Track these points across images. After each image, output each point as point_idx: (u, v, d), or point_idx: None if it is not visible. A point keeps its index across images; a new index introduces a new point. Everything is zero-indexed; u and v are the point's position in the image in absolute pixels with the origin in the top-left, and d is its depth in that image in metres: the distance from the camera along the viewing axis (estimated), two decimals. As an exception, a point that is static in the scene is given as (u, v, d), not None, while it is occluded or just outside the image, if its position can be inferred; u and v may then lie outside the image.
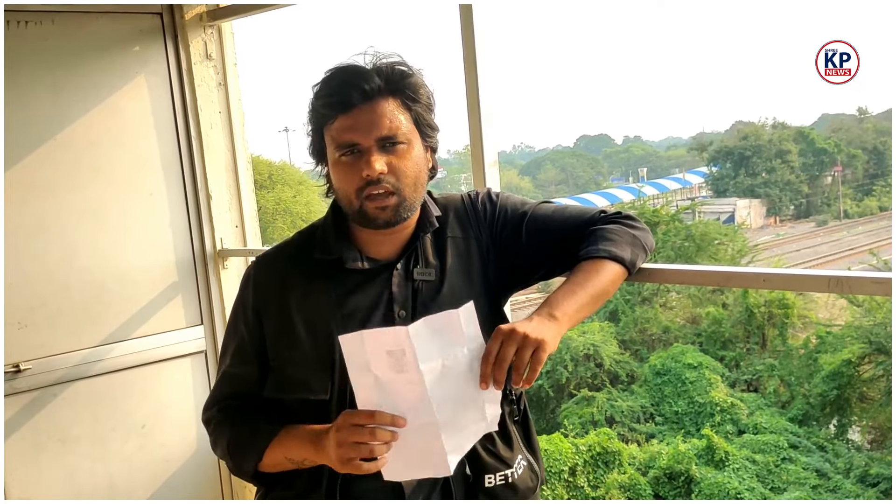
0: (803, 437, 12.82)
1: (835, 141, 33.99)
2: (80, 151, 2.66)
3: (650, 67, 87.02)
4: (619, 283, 1.46)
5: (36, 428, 2.62)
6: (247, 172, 3.05)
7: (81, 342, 2.68)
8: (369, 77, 1.35)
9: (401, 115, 1.37)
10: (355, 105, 1.34)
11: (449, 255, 1.47)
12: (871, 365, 13.32)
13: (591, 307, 1.38)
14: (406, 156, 1.37)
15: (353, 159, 1.35)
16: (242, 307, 1.50)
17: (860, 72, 2.54)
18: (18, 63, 2.54)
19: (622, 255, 1.43)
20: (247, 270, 1.52)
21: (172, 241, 2.86)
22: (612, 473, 11.54)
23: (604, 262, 1.42)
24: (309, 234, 1.51)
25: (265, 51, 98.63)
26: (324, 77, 1.39)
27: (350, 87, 1.34)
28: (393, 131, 1.35)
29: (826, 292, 1.55)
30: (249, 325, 1.47)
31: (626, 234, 1.48)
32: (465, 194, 1.56)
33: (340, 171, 1.37)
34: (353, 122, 1.34)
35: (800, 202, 34.40)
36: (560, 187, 44.85)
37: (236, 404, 1.49)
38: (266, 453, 1.41)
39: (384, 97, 1.36)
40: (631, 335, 15.88)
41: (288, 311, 1.43)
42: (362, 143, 1.34)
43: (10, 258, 2.55)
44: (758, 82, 72.34)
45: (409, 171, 1.37)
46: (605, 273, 1.41)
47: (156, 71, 2.80)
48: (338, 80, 1.37)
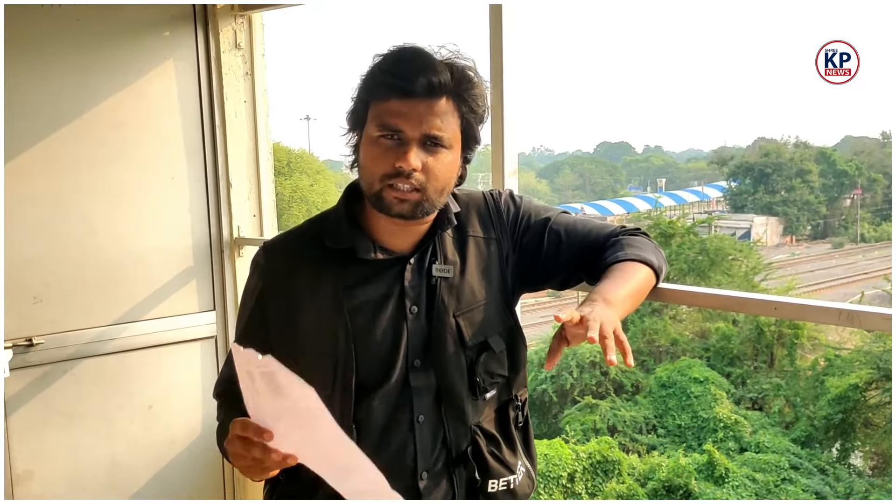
0: (805, 458, 12.75)
1: (856, 164, 33.74)
2: (104, 132, 2.69)
3: (675, 78, 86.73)
4: (650, 286, 1.47)
5: (45, 402, 2.65)
6: (268, 162, 3.07)
7: (94, 320, 2.71)
8: (440, 72, 1.32)
9: (453, 119, 1.34)
10: (416, 94, 1.31)
11: (470, 254, 1.45)
12: (877, 391, 13.23)
13: (633, 301, 1.39)
14: (443, 160, 1.34)
15: (392, 144, 1.31)
16: (249, 292, 1.49)
17: (860, 72, 2.52)
18: (47, 41, 2.57)
19: (650, 259, 1.45)
20: (255, 256, 1.50)
21: (190, 226, 2.88)
22: (610, 482, 11.52)
23: (635, 264, 1.43)
24: (320, 221, 1.48)
25: (293, 41, 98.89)
26: (393, 51, 1.36)
27: (418, 75, 1.30)
28: (441, 133, 1.32)
29: (836, 325, 1.57)
30: (255, 310, 1.46)
31: (649, 244, 1.50)
32: (488, 193, 1.54)
33: (374, 151, 1.33)
34: (407, 110, 1.31)
35: (817, 223, 34.18)
36: (577, 192, 44.72)
37: (232, 389, 1.45)
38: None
39: (445, 96, 1.33)
40: (638, 345, 15.84)
41: (294, 299, 1.41)
42: (407, 134, 1.31)
43: (29, 233, 2.58)
44: (782, 100, 71.94)
45: (441, 174, 1.34)
46: (640, 273, 1.42)
47: (184, 57, 2.82)
48: (408, 63, 1.33)
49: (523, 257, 1.50)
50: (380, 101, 1.33)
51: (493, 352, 1.42)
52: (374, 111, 1.34)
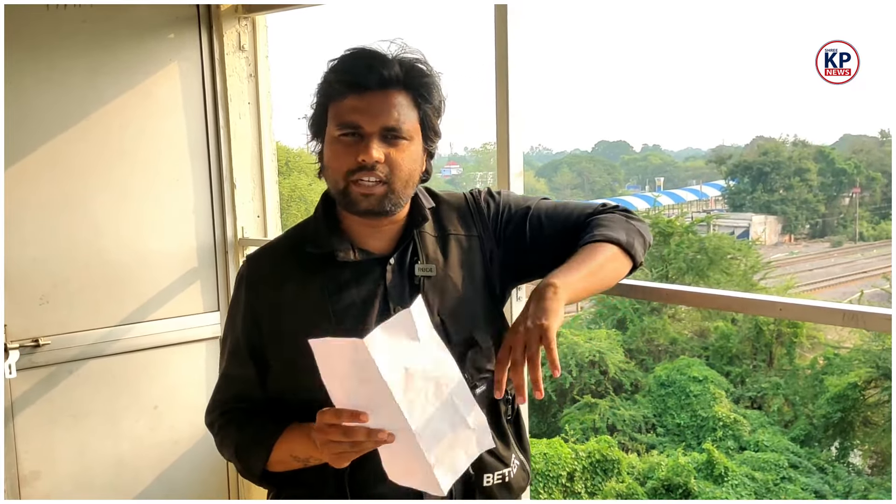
0: (804, 457, 12.80)
1: (855, 162, 33.80)
2: (110, 133, 2.70)
3: (673, 76, 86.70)
4: (620, 263, 1.44)
5: (51, 402, 2.66)
6: (271, 164, 3.08)
7: (100, 321, 2.73)
8: (390, 65, 1.35)
9: (410, 110, 1.36)
10: (370, 88, 1.34)
11: (451, 252, 1.46)
12: (876, 390, 13.27)
13: (590, 281, 1.37)
14: (405, 151, 1.36)
15: (353, 141, 1.34)
16: (236, 307, 1.49)
17: (860, 72, 2.54)
18: (53, 43, 2.58)
19: (616, 237, 1.42)
20: (239, 270, 1.51)
21: (194, 228, 2.89)
22: (610, 481, 11.55)
23: (598, 244, 1.41)
24: (300, 229, 1.50)
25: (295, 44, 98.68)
26: (344, 53, 1.39)
27: (368, 70, 1.34)
28: (399, 124, 1.34)
29: (840, 325, 1.57)
30: (243, 325, 1.47)
31: (621, 220, 1.48)
32: (468, 193, 1.55)
33: (336, 149, 1.36)
34: (363, 105, 1.33)
35: (816, 221, 34.24)
36: (576, 191, 44.70)
37: (239, 407, 1.48)
38: (272, 452, 1.40)
39: (399, 89, 1.36)
40: (638, 344, 15.87)
41: (281, 309, 1.42)
42: (366, 128, 1.33)
43: (35, 233, 2.59)
44: (780, 98, 71.94)
45: (404, 165, 1.36)
46: (601, 253, 1.40)
47: (189, 59, 2.84)
48: (358, 59, 1.36)
49: (508, 250, 1.50)
50: (337, 101, 1.36)
51: (480, 347, 1.42)
52: (332, 112, 1.37)
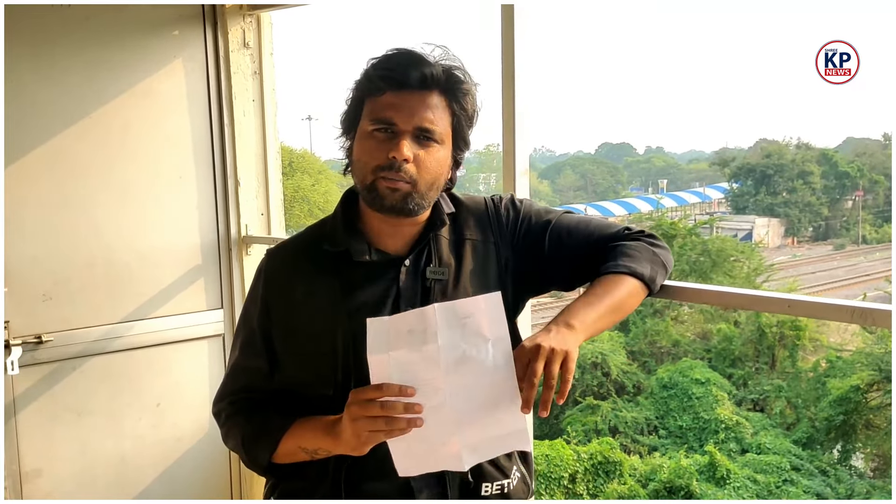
0: (806, 460, 12.78)
1: (858, 165, 33.75)
2: (112, 131, 2.69)
3: (677, 79, 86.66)
4: (639, 298, 1.46)
5: (53, 399, 2.66)
6: (275, 161, 3.08)
7: (103, 318, 2.72)
8: (431, 66, 1.36)
9: (445, 114, 1.38)
10: (409, 87, 1.35)
11: (466, 257, 1.46)
12: (879, 393, 13.25)
13: (608, 319, 1.39)
14: (434, 154, 1.37)
15: (385, 137, 1.35)
16: (253, 300, 1.50)
17: (861, 73, 2.53)
18: (56, 40, 2.57)
19: (641, 271, 1.43)
20: (260, 263, 1.52)
21: (198, 225, 2.89)
22: (611, 483, 11.54)
23: (622, 277, 1.42)
24: (319, 227, 1.51)
25: (298, 41, 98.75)
26: (387, 52, 1.40)
27: (411, 69, 1.35)
28: (433, 126, 1.35)
29: (849, 322, 1.57)
30: (259, 318, 1.47)
31: (647, 251, 1.48)
32: (490, 198, 1.55)
33: (368, 144, 1.37)
34: (400, 102, 1.35)
35: (819, 224, 34.20)
36: (578, 193, 44.73)
37: (247, 397, 1.49)
38: (280, 444, 1.41)
39: (437, 91, 1.37)
40: (640, 346, 15.86)
41: (295, 304, 1.43)
42: (400, 125, 1.34)
43: (37, 231, 2.59)
44: (784, 101, 71.91)
45: (432, 168, 1.36)
46: (623, 287, 1.41)
47: (193, 56, 2.83)
48: (402, 58, 1.38)
49: (525, 260, 1.50)
50: (374, 96, 1.36)
51: None
52: (368, 107, 1.38)
